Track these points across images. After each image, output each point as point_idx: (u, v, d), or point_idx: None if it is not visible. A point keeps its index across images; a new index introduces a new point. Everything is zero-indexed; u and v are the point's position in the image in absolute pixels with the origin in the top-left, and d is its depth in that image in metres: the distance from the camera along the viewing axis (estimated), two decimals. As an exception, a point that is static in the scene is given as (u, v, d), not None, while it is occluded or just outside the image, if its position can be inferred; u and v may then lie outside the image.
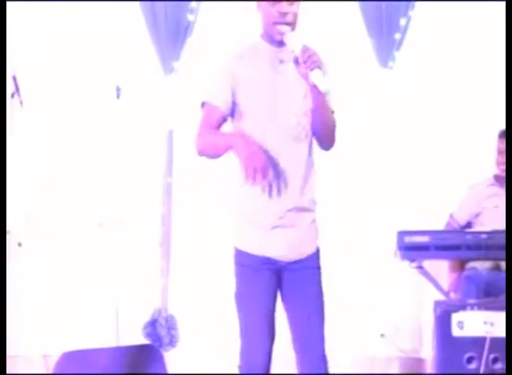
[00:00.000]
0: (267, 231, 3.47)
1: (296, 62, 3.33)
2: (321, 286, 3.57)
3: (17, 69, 6.04)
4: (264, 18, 3.52)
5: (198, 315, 5.98)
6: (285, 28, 3.40)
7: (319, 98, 3.37)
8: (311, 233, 3.56)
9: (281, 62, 3.48)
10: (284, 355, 3.67)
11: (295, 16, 3.48)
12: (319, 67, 3.30)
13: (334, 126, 3.51)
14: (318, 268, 3.59)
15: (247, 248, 3.49)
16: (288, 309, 3.56)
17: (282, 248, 3.47)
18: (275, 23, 3.44)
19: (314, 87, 3.32)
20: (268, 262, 3.48)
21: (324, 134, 3.49)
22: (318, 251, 3.59)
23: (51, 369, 3.61)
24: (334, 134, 3.53)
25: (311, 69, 3.28)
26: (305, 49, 3.33)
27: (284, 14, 3.43)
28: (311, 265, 3.54)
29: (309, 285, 3.54)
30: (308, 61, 3.29)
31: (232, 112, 3.47)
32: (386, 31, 6.31)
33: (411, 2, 6.27)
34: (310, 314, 3.53)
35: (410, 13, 6.26)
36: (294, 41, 3.38)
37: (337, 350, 5.67)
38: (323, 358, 3.54)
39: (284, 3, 3.42)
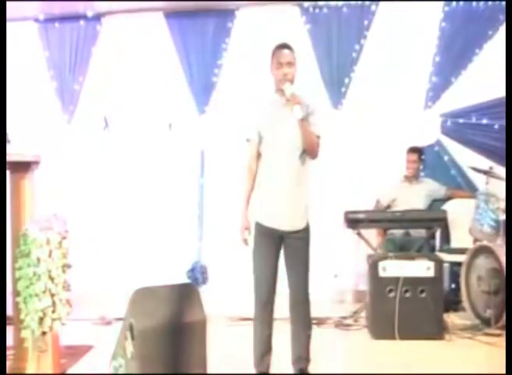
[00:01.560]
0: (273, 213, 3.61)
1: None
2: (307, 249, 3.66)
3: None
4: (274, 77, 3.63)
5: (220, 265, 5.97)
6: (287, 85, 3.53)
7: (300, 124, 3.49)
8: (303, 214, 3.67)
9: (284, 105, 3.56)
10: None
11: (293, 74, 3.59)
12: (298, 104, 3.48)
13: (313, 143, 3.54)
14: (307, 237, 3.67)
15: (262, 222, 3.64)
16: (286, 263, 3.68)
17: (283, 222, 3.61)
18: (280, 81, 3.57)
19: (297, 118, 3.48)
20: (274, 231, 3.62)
21: (306, 148, 3.55)
22: (307, 226, 3.67)
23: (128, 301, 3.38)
24: (313, 148, 3.56)
25: (294, 105, 3.47)
26: (293, 94, 3.52)
27: (285, 75, 3.56)
28: (301, 235, 3.65)
29: (299, 249, 3.65)
30: (292, 101, 3.50)
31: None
32: (337, 86, 6.17)
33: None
34: (298, 266, 3.65)
35: (352, 74, 6.10)
36: (290, 90, 3.52)
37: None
38: (306, 295, 3.70)
39: (285, 67, 3.57)
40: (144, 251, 5.94)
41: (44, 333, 3.13)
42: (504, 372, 2.87)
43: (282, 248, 3.66)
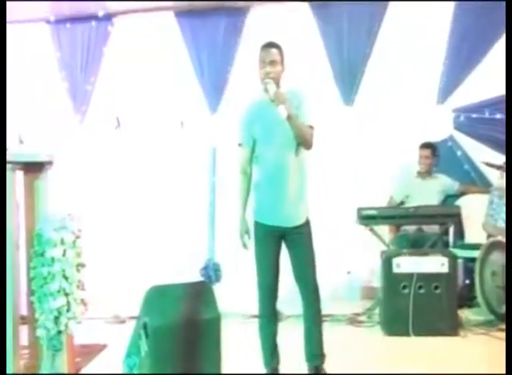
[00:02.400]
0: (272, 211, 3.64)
1: None
2: (311, 244, 3.66)
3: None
4: (259, 76, 3.66)
5: (232, 263, 6.02)
6: (269, 84, 3.54)
7: (288, 122, 3.49)
8: (302, 209, 3.69)
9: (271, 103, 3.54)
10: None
11: (277, 72, 3.61)
12: (283, 103, 3.47)
13: (305, 136, 3.55)
14: (309, 232, 3.68)
15: (262, 221, 3.68)
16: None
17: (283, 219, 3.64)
18: (262, 80, 3.61)
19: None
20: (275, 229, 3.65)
21: (299, 142, 3.57)
22: (308, 221, 3.69)
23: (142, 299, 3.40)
24: (306, 141, 3.57)
25: (278, 105, 3.48)
26: (276, 93, 3.52)
27: (267, 74, 3.59)
28: (303, 230, 3.66)
29: (302, 244, 3.66)
30: (276, 100, 3.50)
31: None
32: (348, 82, 6.14)
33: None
34: (304, 261, 3.67)
35: (363, 71, 6.05)
36: (272, 89, 3.53)
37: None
38: (316, 291, 3.71)
39: (268, 66, 3.59)
40: (157, 249, 5.95)
41: (59, 332, 3.15)
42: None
43: (286, 246, 3.68)
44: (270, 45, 3.69)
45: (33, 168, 3.69)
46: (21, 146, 5.99)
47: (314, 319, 3.72)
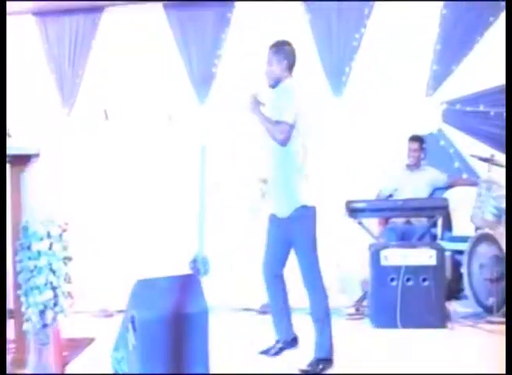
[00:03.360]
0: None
1: None
2: (308, 234, 3.76)
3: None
4: None
5: (219, 257, 5.86)
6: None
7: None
8: (292, 199, 3.74)
9: None
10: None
11: (270, 72, 3.83)
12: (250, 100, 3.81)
13: (269, 132, 3.67)
14: (305, 222, 3.74)
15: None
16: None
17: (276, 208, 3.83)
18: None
19: None
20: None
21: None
22: (302, 211, 3.72)
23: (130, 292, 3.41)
24: (272, 136, 3.66)
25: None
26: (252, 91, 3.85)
27: (265, 73, 3.84)
28: (297, 220, 3.72)
29: (297, 235, 3.76)
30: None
31: None
32: (337, 74, 6.11)
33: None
34: (301, 253, 3.79)
35: (352, 63, 6.05)
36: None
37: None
38: (318, 282, 3.84)
39: (266, 65, 3.85)
40: (145, 242, 5.92)
41: (45, 325, 3.13)
42: (505, 359, 2.84)
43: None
44: (270, 46, 3.91)
45: (20, 161, 3.68)
46: (8, 139, 5.92)
47: (317, 311, 3.87)
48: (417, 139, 5.76)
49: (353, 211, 5.15)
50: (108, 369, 3.53)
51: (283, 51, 3.84)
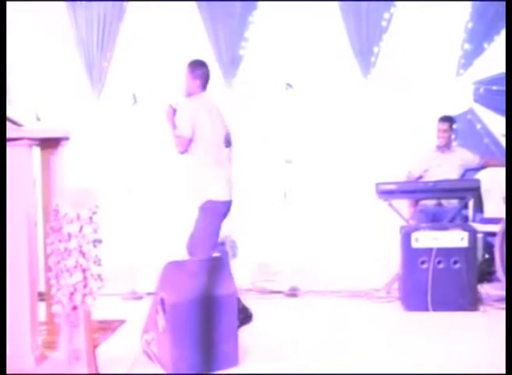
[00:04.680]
0: None
1: None
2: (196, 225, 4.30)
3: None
4: None
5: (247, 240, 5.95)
6: None
7: None
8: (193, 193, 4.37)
9: None
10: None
11: (185, 86, 4.30)
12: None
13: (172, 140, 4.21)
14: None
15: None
16: None
17: None
18: None
19: None
20: None
21: None
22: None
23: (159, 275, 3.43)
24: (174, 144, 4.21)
25: None
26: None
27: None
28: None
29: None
30: None
31: None
32: (366, 55, 6.03)
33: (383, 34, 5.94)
34: None
35: (381, 43, 5.96)
36: None
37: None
38: None
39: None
40: (174, 225, 5.89)
41: (74, 307, 3.11)
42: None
43: None
44: (188, 63, 4.37)
45: (50, 144, 3.67)
46: (38, 123, 5.94)
47: None
48: (447, 119, 5.62)
49: (384, 193, 5.06)
50: (138, 350, 3.53)
51: (198, 71, 4.30)
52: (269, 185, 5.96)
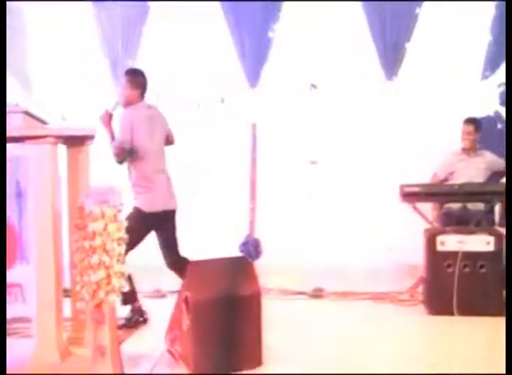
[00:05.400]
0: None
1: None
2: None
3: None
4: None
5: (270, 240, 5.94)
6: None
7: None
8: None
9: None
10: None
11: (123, 95, 4.26)
12: None
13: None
14: None
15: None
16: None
17: None
18: None
19: None
20: None
21: None
22: None
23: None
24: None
25: None
26: None
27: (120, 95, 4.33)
28: None
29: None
30: None
31: None
32: (391, 57, 6.01)
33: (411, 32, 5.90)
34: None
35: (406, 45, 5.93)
36: None
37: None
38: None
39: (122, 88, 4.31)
40: (197, 224, 5.91)
41: (98, 304, 3.12)
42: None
43: None
44: (127, 72, 4.44)
45: (76, 142, 3.67)
46: (63, 123, 5.98)
47: None
48: (472, 121, 5.55)
49: (408, 195, 5.00)
50: (162, 348, 3.53)
51: (138, 80, 4.29)
52: (294, 185, 5.94)
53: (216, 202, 6.02)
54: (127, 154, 4.15)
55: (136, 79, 4.31)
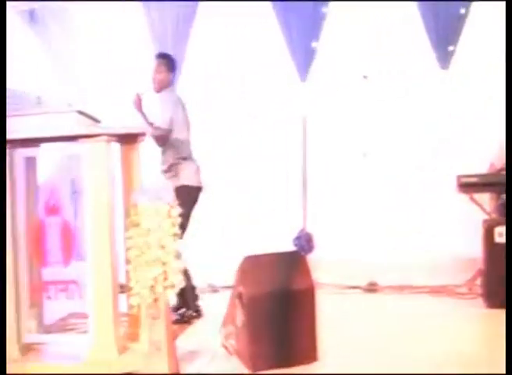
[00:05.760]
0: None
1: None
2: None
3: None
4: None
5: (323, 233, 5.91)
6: None
7: None
8: None
9: None
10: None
11: (157, 79, 4.30)
12: None
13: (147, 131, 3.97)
14: None
15: None
16: None
17: None
18: None
19: None
20: None
21: None
22: None
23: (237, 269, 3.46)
24: (151, 135, 4.11)
25: None
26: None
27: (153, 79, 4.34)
28: None
29: None
30: None
31: None
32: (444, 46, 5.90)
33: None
34: None
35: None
36: None
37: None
38: None
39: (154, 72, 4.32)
40: (251, 219, 5.92)
41: (155, 300, 3.16)
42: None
43: None
44: (158, 55, 4.45)
45: (129, 139, 3.70)
46: (116, 121, 6.06)
47: None
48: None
49: (465, 186, 4.93)
50: (216, 343, 3.55)
51: (171, 63, 4.36)
52: (346, 179, 5.89)
53: (269, 196, 6.00)
54: (168, 137, 4.26)
55: (170, 62, 4.40)
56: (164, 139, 4.24)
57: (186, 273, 4.04)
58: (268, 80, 6.23)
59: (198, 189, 4.41)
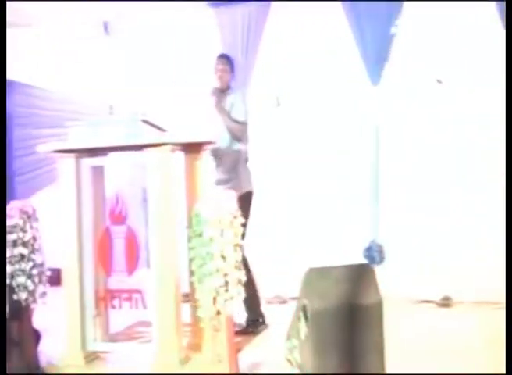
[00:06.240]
0: None
1: None
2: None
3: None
4: None
5: (396, 244, 5.71)
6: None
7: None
8: None
9: None
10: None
11: (223, 78, 4.57)
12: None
13: (229, 129, 4.42)
14: None
15: None
16: None
17: None
18: None
19: None
20: None
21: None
22: None
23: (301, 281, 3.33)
24: (231, 134, 4.42)
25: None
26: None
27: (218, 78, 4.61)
28: None
29: None
30: None
31: None
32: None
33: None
34: None
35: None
36: None
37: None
38: None
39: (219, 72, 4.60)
40: (319, 229, 5.84)
41: (218, 312, 3.15)
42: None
43: None
44: (221, 56, 4.70)
45: (193, 148, 3.74)
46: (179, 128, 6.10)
47: None
48: None
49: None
50: (280, 357, 3.50)
51: (232, 64, 4.70)
52: (418, 187, 5.70)
53: (339, 206, 5.90)
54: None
55: (231, 63, 4.71)
56: (242, 131, 4.43)
57: (252, 283, 4.05)
58: (338, 83, 6.11)
59: (252, 194, 4.56)
